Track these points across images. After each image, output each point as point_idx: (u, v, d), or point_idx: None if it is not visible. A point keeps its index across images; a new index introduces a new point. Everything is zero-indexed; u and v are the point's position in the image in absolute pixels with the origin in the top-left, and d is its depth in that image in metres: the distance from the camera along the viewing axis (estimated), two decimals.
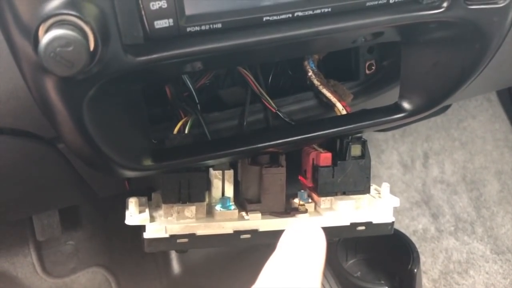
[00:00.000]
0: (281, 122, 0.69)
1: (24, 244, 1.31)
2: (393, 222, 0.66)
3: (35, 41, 0.38)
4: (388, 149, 1.57)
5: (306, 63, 0.70)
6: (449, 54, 0.55)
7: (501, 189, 1.56)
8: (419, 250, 1.40)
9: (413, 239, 1.44)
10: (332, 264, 0.90)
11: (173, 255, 0.94)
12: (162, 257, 0.96)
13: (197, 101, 0.69)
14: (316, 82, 0.69)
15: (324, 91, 0.68)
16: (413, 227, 1.46)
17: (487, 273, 1.34)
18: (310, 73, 0.70)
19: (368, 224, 0.64)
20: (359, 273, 0.99)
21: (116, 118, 0.49)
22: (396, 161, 1.56)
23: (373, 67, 0.73)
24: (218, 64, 0.54)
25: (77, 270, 1.30)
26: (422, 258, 1.38)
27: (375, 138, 1.57)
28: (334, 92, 0.69)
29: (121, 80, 0.45)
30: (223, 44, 0.45)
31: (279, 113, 0.68)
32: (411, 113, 0.60)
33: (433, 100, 0.58)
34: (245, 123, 0.68)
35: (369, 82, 0.73)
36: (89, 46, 0.38)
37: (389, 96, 0.72)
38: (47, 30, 0.37)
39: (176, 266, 0.93)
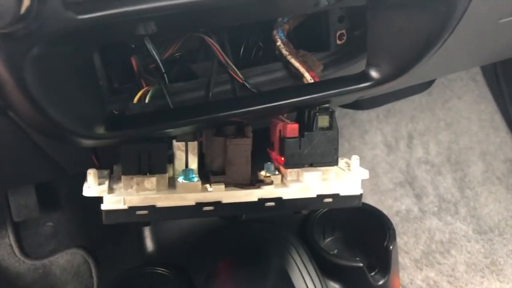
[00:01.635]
0: (248, 94, 0.67)
1: (1, 225, 1.29)
2: (361, 194, 0.64)
3: None
4: (372, 129, 1.55)
5: (275, 32, 0.68)
6: (415, 18, 0.53)
7: (486, 169, 1.55)
8: (401, 230, 1.41)
9: (396, 219, 1.44)
10: (309, 242, 0.89)
11: (146, 232, 0.93)
12: (137, 235, 0.94)
13: (163, 71, 0.67)
14: (284, 52, 0.67)
15: (293, 61, 0.66)
16: (396, 208, 1.45)
17: (468, 252, 1.34)
18: (279, 43, 0.68)
19: (335, 196, 0.63)
20: (336, 251, 0.99)
21: (65, 82, 0.47)
22: (380, 142, 1.55)
23: (344, 37, 0.71)
24: (171, 26, 0.52)
25: (56, 251, 1.29)
26: (404, 238, 1.38)
27: (358, 119, 1.55)
28: (303, 63, 0.67)
29: (65, 40, 0.43)
30: (172, 2, 0.43)
31: (246, 83, 0.66)
32: (379, 82, 0.58)
33: (401, 68, 0.57)
34: (210, 94, 0.66)
35: (340, 53, 0.71)
36: None
37: (361, 67, 0.70)
38: None
39: (149, 244, 0.91)
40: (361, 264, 0.87)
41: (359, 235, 1.00)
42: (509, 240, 1.38)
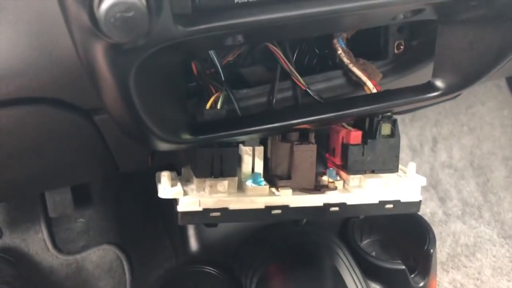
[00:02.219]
0: (310, 101, 0.69)
1: (35, 220, 1.31)
2: (420, 201, 0.66)
3: (90, 6, 0.37)
4: None
5: (335, 41, 0.70)
6: (487, 33, 0.55)
7: (508, 174, 1.57)
8: None
9: None
10: (350, 245, 0.91)
11: (191, 232, 0.95)
12: (180, 234, 0.96)
13: (223, 78, 0.69)
14: (346, 60, 0.69)
15: (354, 69, 0.68)
16: (421, 211, 1.45)
17: (494, 256, 1.36)
18: (340, 51, 0.69)
19: (396, 202, 0.65)
20: (373, 253, 1.00)
21: (159, 90, 0.49)
22: (405, 145, 1.57)
23: (401, 47, 0.73)
24: (260, 37, 0.54)
25: (88, 247, 1.31)
26: None
27: None
28: (363, 71, 0.68)
29: (167, 51, 0.45)
30: (270, 16, 0.45)
31: (309, 90, 0.68)
32: (444, 92, 0.60)
33: (468, 79, 0.59)
34: (274, 101, 0.68)
35: (397, 62, 0.73)
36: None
37: (416, 77, 0.72)
38: None
39: (194, 243, 0.93)
40: (403, 267, 0.89)
41: (396, 238, 1.02)
42: None
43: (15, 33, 0.48)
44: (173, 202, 0.61)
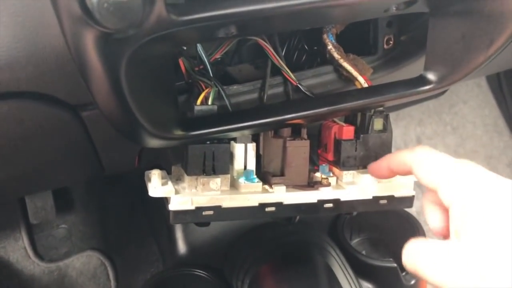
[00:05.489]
0: (301, 96, 0.68)
1: (15, 227, 1.27)
2: (413, 196, 0.66)
3: None
4: None
5: (325, 36, 0.69)
6: (478, 25, 0.55)
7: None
8: None
9: None
10: (340, 243, 0.90)
11: (179, 234, 0.93)
12: (167, 236, 0.94)
13: (211, 74, 0.68)
14: (336, 55, 0.68)
15: (345, 64, 0.68)
16: (408, 209, 1.47)
17: None
18: (330, 47, 0.69)
19: (390, 198, 0.64)
20: (363, 251, 1.00)
21: (150, 84, 0.47)
22: None
23: (391, 42, 0.73)
24: (252, 28, 0.53)
25: (71, 254, 1.28)
26: None
27: None
28: (354, 66, 0.68)
29: (159, 41, 0.43)
30: (261, 6, 0.44)
31: (300, 86, 0.67)
32: (437, 85, 0.60)
33: (460, 72, 0.58)
34: (265, 96, 0.67)
35: (387, 57, 0.72)
36: None
37: (406, 71, 0.72)
38: None
39: (182, 246, 0.92)
40: (395, 264, 0.88)
41: (385, 235, 1.02)
42: None
43: None
44: (164, 201, 0.59)
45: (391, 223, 0.99)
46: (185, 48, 0.69)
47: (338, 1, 0.47)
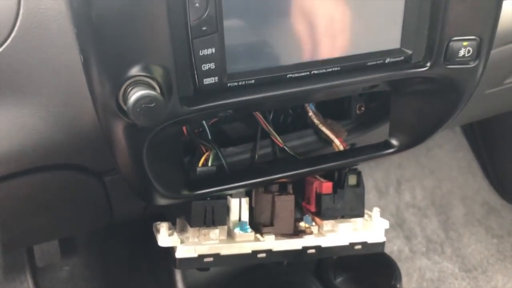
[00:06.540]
0: (286, 155, 0.80)
1: (21, 270, 1.34)
2: (384, 241, 0.77)
3: (116, 96, 0.47)
4: (364, 176, 1.68)
5: (306, 105, 0.81)
6: (431, 102, 0.68)
7: (466, 212, 1.71)
8: None
9: None
10: (325, 282, 1.00)
11: (178, 276, 1.02)
12: (167, 278, 1.03)
13: (210, 137, 0.79)
14: (316, 121, 0.80)
15: (323, 129, 0.80)
16: (389, 248, 1.57)
17: None
18: (311, 113, 0.81)
19: (364, 244, 0.75)
20: None
21: (164, 155, 0.58)
22: (372, 187, 1.69)
23: (362, 108, 0.85)
24: (246, 110, 0.65)
25: None
26: None
27: None
28: (331, 130, 0.80)
29: (172, 125, 0.55)
30: (256, 96, 0.56)
31: (285, 148, 0.79)
32: (399, 149, 0.72)
33: (418, 138, 0.71)
34: (256, 157, 0.78)
35: (359, 121, 0.85)
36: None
37: (377, 133, 0.84)
38: (126, 88, 0.47)
39: (181, 287, 1.01)
40: None
41: (366, 274, 1.12)
42: (491, 277, 1.52)
43: (40, 108, 0.57)
44: (170, 249, 0.69)
45: (371, 263, 1.09)
46: None
47: (317, 89, 0.58)
